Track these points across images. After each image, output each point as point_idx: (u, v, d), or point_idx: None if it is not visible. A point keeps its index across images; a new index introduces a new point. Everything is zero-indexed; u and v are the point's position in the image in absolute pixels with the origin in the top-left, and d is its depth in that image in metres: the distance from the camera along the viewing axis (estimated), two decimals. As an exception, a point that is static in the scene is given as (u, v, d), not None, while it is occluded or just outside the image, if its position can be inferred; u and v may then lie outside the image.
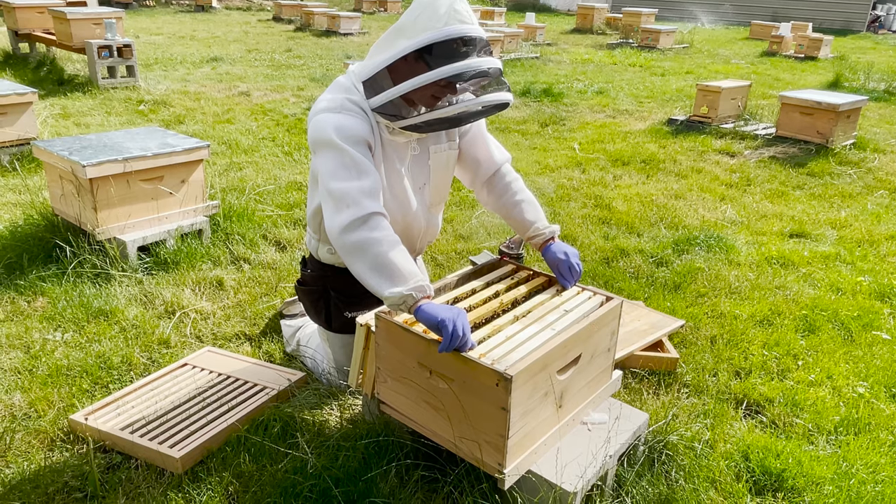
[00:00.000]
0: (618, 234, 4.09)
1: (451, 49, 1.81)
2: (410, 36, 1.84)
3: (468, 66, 1.82)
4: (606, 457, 1.90)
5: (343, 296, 2.33)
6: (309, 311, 2.44)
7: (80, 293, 3.02)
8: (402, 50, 1.84)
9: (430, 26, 1.81)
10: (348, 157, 1.91)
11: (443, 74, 1.81)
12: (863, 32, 18.23)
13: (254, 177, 4.77)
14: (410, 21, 1.86)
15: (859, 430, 2.38)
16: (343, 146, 1.91)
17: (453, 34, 1.80)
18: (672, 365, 2.66)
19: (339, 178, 1.90)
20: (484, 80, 1.91)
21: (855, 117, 6.23)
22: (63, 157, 3.21)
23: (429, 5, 1.84)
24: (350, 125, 1.94)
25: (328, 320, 2.37)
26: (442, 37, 1.80)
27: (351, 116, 1.95)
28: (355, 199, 1.86)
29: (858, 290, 3.45)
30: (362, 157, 1.92)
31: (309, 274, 2.39)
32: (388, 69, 1.90)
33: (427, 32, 1.81)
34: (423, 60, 1.84)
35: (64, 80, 7.58)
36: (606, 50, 12.96)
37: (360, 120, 1.96)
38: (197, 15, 16.11)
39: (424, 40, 1.81)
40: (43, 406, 2.33)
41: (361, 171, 1.91)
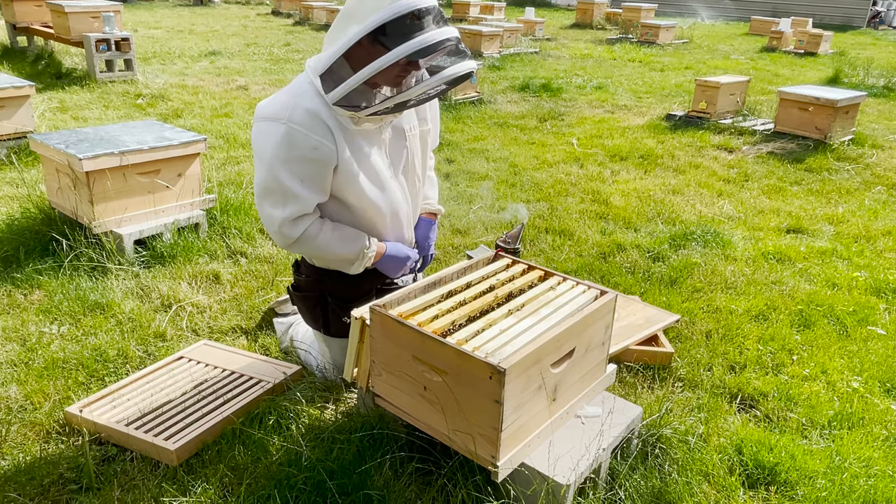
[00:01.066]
0: (615, 229, 4.10)
1: (404, 25, 1.73)
2: (360, 20, 1.76)
3: (424, 41, 1.74)
4: (600, 450, 1.91)
5: (340, 300, 2.27)
6: (305, 317, 2.39)
7: (77, 286, 3.02)
8: (355, 35, 1.77)
9: (378, 6, 1.74)
10: (276, 182, 1.92)
11: (400, 55, 1.73)
12: (863, 28, 18.21)
13: (251, 171, 4.76)
14: (356, 4, 1.79)
15: (853, 424, 2.39)
16: (274, 170, 1.90)
17: (403, 9, 1.72)
18: (667, 359, 2.67)
19: (265, 201, 1.99)
20: (445, 51, 1.84)
21: (853, 113, 6.22)
22: (60, 151, 3.21)
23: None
24: (296, 144, 1.87)
25: (326, 325, 2.33)
26: (392, 14, 1.72)
27: (299, 132, 1.87)
28: (278, 230, 2.01)
29: (854, 285, 3.45)
30: (291, 184, 1.91)
31: (304, 279, 2.32)
32: (345, 57, 1.83)
33: (376, 13, 1.73)
34: (378, 42, 1.76)
35: (62, 74, 7.57)
36: (606, 45, 12.94)
37: (309, 135, 1.88)
38: (196, 9, 16.06)
39: (375, 21, 1.73)
40: (39, 398, 2.33)
41: (287, 198, 1.94)
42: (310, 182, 1.94)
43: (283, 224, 1.97)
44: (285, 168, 1.89)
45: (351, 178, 2.01)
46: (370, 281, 2.30)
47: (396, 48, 1.73)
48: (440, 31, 1.77)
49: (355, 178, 2.02)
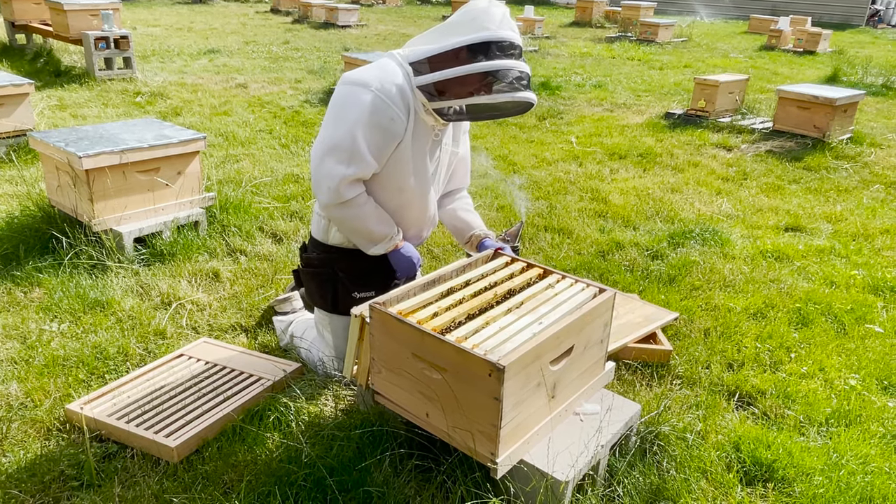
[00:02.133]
0: (614, 227, 4.11)
1: (503, 47, 2.05)
2: (466, 33, 2.05)
3: (517, 64, 2.06)
4: (598, 447, 1.92)
5: (351, 276, 2.41)
6: (313, 295, 2.49)
7: (77, 284, 3.03)
8: (460, 42, 2.05)
9: (487, 27, 2.04)
10: (350, 141, 2.10)
11: (493, 67, 2.04)
12: (862, 27, 18.22)
13: (250, 169, 4.77)
14: (467, 20, 2.07)
15: (850, 421, 2.40)
16: (352, 129, 2.09)
17: (506, 38, 2.05)
18: (665, 357, 2.68)
19: (330, 156, 2.13)
20: (520, 81, 2.11)
21: (852, 112, 6.24)
22: (59, 149, 3.21)
23: (486, 10, 2.07)
24: (380, 112, 2.09)
25: (334, 303, 2.41)
26: (496, 38, 2.04)
27: (385, 102, 2.09)
28: (336, 186, 2.13)
29: (852, 283, 3.47)
30: (362, 145, 2.10)
31: (315, 256, 2.44)
32: (445, 53, 2.07)
33: (485, 31, 2.04)
34: (479, 53, 2.04)
35: (61, 72, 7.56)
36: (605, 43, 12.95)
37: (393, 107, 2.10)
38: (195, 6, 16.05)
39: (483, 37, 2.03)
40: (39, 396, 2.34)
41: (353, 159, 2.11)
42: (376, 150, 2.14)
43: (343, 181, 2.12)
44: (363, 131, 2.09)
45: (405, 158, 2.22)
46: (382, 259, 2.42)
47: (498, 60, 2.05)
48: (522, 64, 2.09)
49: (408, 162, 2.23)
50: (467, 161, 2.59)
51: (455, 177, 2.57)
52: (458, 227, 2.55)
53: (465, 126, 2.50)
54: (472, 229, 2.53)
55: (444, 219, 2.60)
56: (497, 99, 2.10)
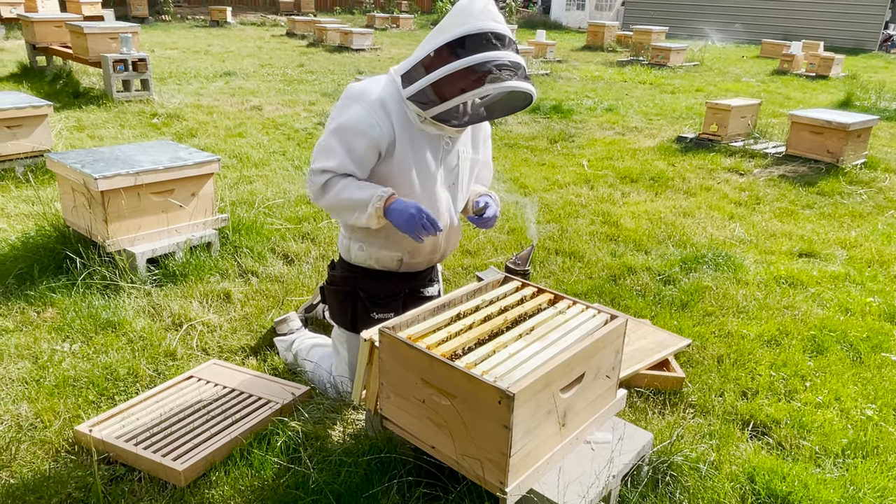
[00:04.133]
0: (625, 251, 4.09)
1: (481, 42, 1.97)
2: (447, 32, 2.02)
3: (495, 55, 1.97)
4: (610, 477, 1.89)
5: (371, 296, 2.40)
6: (334, 312, 2.50)
7: (89, 304, 3.04)
8: (438, 43, 2.02)
9: (465, 21, 1.99)
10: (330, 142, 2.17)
11: (471, 62, 1.96)
12: (875, 51, 18.20)
13: (263, 190, 4.81)
14: (447, 21, 2.05)
15: (867, 453, 2.35)
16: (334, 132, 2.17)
17: (484, 28, 1.98)
18: (678, 384, 2.65)
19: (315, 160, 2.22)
20: (506, 70, 2.03)
21: (865, 137, 6.20)
22: (76, 170, 3.26)
23: (464, 6, 2.03)
24: (355, 119, 2.13)
25: (353, 321, 2.41)
26: (474, 30, 1.98)
27: (365, 112, 2.12)
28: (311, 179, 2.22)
29: (868, 311, 3.42)
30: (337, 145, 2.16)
31: (338, 274, 2.45)
32: (424, 62, 2.07)
33: (464, 26, 1.99)
34: (455, 53, 1.99)
35: (79, 93, 7.70)
36: (617, 67, 13.01)
37: (371, 116, 2.12)
38: (212, 30, 16.33)
39: (458, 33, 1.99)
40: (49, 416, 2.34)
41: (330, 155, 2.18)
42: (350, 149, 2.15)
43: (314, 171, 2.20)
44: (340, 134, 2.16)
45: (405, 167, 2.21)
46: (400, 282, 2.42)
47: (470, 56, 1.97)
48: (513, 54, 2.01)
49: (409, 170, 2.21)
50: (490, 165, 2.55)
51: (482, 176, 2.54)
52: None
53: (485, 132, 2.44)
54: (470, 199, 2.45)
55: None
56: (485, 91, 2.01)
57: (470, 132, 2.37)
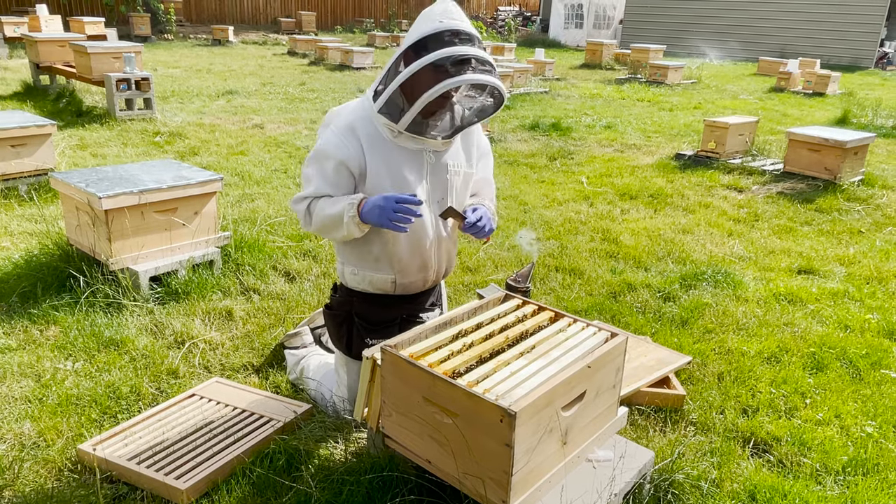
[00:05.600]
0: (625, 268, 4.11)
1: (442, 40, 1.96)
2: (408, 40, 2.03)
3: (455, 50, 1.94)
4: (611, 495, 1.89)
5: (366, 322, 2.39)
6: (332, 336, 2.50)
7: (92, 322, 3.06)
8: (400, 50, 2.04)
9: (424, 26, 2.00)
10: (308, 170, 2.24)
11: (431, 58, 1.94)
12: (871, 69, 18.34)
13: (265, 208, 4.84)
14: (412, 28, 2.07)
15: (868, 470, 2.36)
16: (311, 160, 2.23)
17: (443, 27, 1.97)
18: (679, 402, 2.66)
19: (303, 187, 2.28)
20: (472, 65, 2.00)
21: (863, 154, 6.25)
22: (80, 189, 3.29)
23: (425, 11, 2.05)
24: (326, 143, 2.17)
25: (349, 345, 2.41)
26: (433, 30, 1.97)
27: (334, 135, 2.16)
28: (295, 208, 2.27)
29: (867, 327, 3.43)
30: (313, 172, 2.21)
31: (336, 298, 2.47)
32: (390, 71, 2.08)
33: (420, 31, 2.00)
34: (417, 56, 1.98)
35: (82, 112, 7.76)
36: (615, 85, 13.12)
37: (340, 139, 2.14)
38: (214, 49, 16.48)
39: (417, 35, 1.99)
40: (52, 435, 2.35)
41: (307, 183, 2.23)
42: (326, 175, 2.18)
43: (296, 199, 2.25)
44: (314, 160, 2.21)
45: (379, 187, 2.17)
46: (398, 308, 2.40)
47: (431, 53, 1.95)
48: (470, 48, 1.98)
49: (384, 189, 2.17)
50: (491, 183, 2.50)
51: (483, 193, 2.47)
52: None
53: (482, 147, 2.40)
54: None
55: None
56: (446, 85, 1.94)
57: (460, 144, 2.30)
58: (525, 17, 28.26)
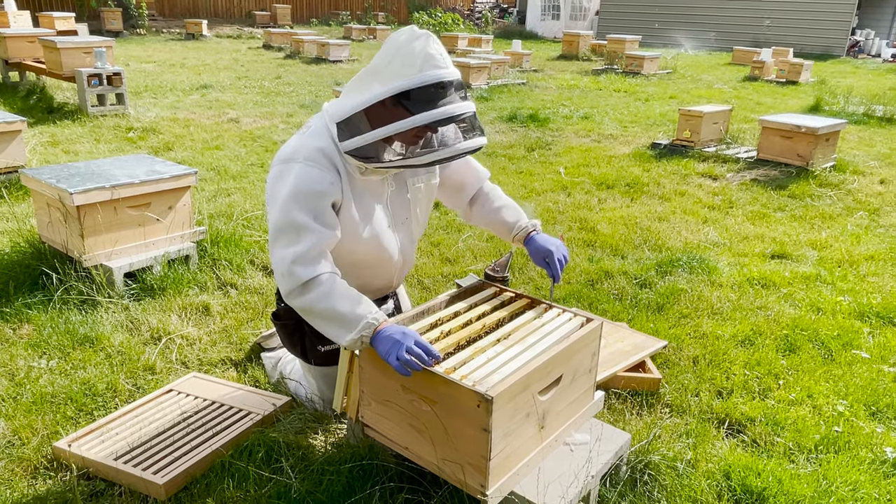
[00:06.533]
0: (602, 256, 4.15)
1: (427, 94, 1.80)
2: (385, 81, 1.82)
3: (444, 112, 1.81)
4: (588, 477, 1.92)
5: (314, 330, 2.19)
6: (286, 344, 2.40)
7: (66, 320, 3.02)
8: (377, 95, 1.82)
9: (405, 73, 1.79)
10: (288, 219, 1.89)
11: (418, 122, 1.80)
12: (842, 57, 18.63)
13: (242, 202, 4.80)
14: (384, 64, 1.84)
15: (839, 448, 2.41)
16: (286, 207, 1.89)
17: (429, 80, 1.79)
18: (655, 385, 2.69)
19: (277, 243, 1.91)
20: (460, 124, 1.92)
21: (834, 140, 6.36)
22: (51, 185, 3.24)
23: (402, 48, 1.82)
24: (308, 179, 1.90)
25: (304, 353, 2.34)
26: (417, 83, 1.79)
27: (312, 168, 1.91)
28: (289, 270, 1.87)
29: (838, 309, 3.50)
30: (305, 218, 1.89)
31: (283, 308, 2.30)
32: (365, 112, 1.87)
33: (402, 79, 1.79)
34: (400, 105, 1.82)
35: (53, 108, 7.62)
36: (592, 76, 13.18)
37: (322, 171, 1.92)
38: (187, 43, 16.26)
39: (400, 87, 1.79)
40: (27, 433, 2.32)
41: (301, 234, 1.89)
42: (321, 217, 1.92)
43: (295, 261, 1.86)
44: (297, 204, 1.89)
45: (347, 223, 2.03)
46: None
47: (417, 115, 1.80)
48: (460, 105, 1.83)
49: (353, 225, 2.04)
50: (467, 163, 2.32)
51: (466, 181, 2.34)
52: (498, 230, 2.34)
53: None
54: (510, 230, 2.29)
55: (479, 224, 2.39)
56: (425, 159, 1.88)
57: None
58: (502, 9, 28.26)
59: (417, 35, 1.83)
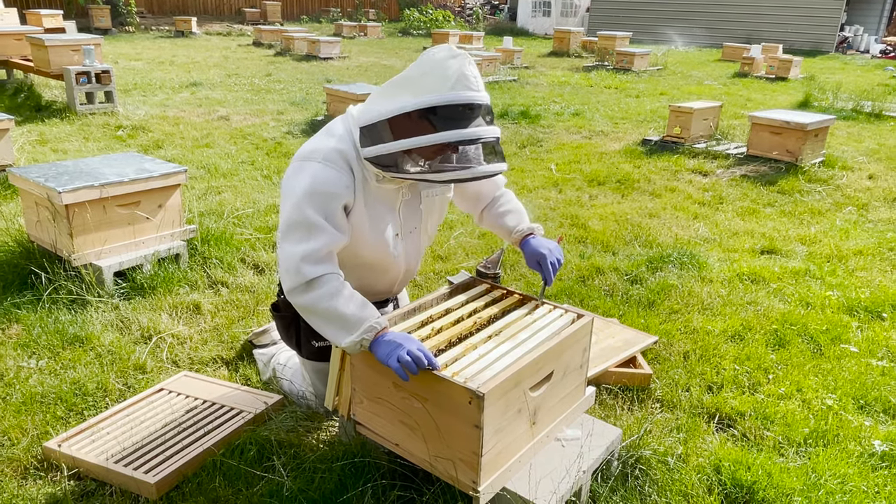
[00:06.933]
0: (593, 252, 4.16)
1: (455, 112, 1.80)
2: (416, 93, 1.81)
3: (470, 134, 1.80)
4: (580, 472, 1.93)
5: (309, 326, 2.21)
6: (282, 335, 2.42)
7: (56, 320, 3.00)
8: (405, 106, 1.82)
9: (437, 88, 1.79)
10: (301, 216, 1.89)
11: (444, 139, 1.79)
12: (831, 53, 18.74)
13: (232, 200, 4.78)
14: (417, 76, 1.84)
15: (828, 441, 2.43)
16: (300, 204, 1.90)
17: (459, 100, 1.79)
18: (645, 381, 2.71)
19: (287, 238, 1.91)
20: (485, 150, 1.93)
21: (823, 136, 6.39)
22: (39, 184, 3.21)
23: (438, 65, 1.81)
24: (324, 179, 1.91)
25: (299, 346, 2.35)
26: (448, 101, 1.79)
27: (330, 169, 1.92)
28: (296, 266, 1.87)
29: (827, 304, 3.53)
30: (317, 217, 1.90)
31: (282, 300, 2.30)
32: (389, 121, 1.86)
33: (433, 94, 1.79)
34: (426, 119, 1.81)
35: (41, 107, 7.56)
36: (582, 72, 13.20)
37: (338, 173, 1.93)
38: (177, 40, 16.16)
39: (430, 101, 1.79)
40: (16, 434, 2.31)
41: (312, 232, 1.89)
42: (332, 218, 1.93)
43: (304, 258, 1.87)
44: (310, 202, 1.90)
45: (356, 226, 2.02)
46: None
47: (443, 132, 1.79)
48: (486, 128, 1.83)
49: (361, 229, 2.04)
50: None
51: (483, 191, 2.35)
52: (501, 234, 2.36)
53: None
54: (510, 233, 2.31)
55: (487, 227, 2.41)
56: (443, 177, 1.87)
57: None
58: (493, 6, 28.24)
59: (455, 54, 1.83)
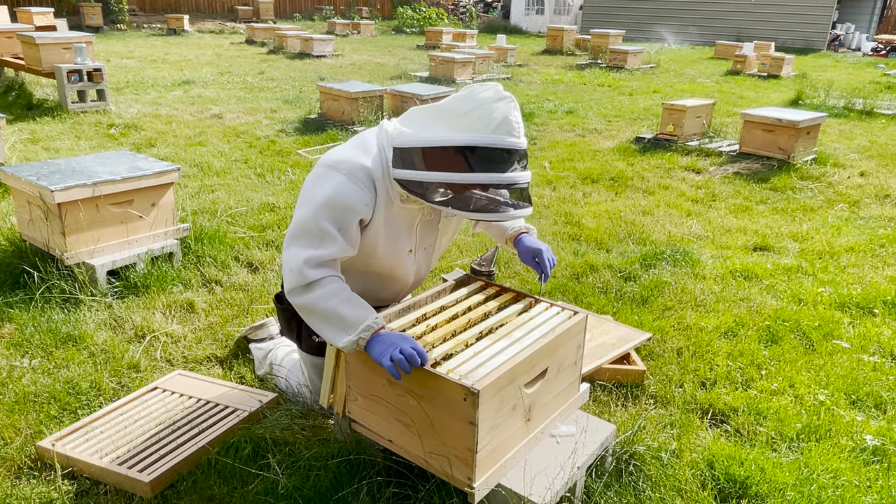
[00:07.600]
0: (587, 250, 4.17)
1: (493, 155, 1.79)
2: (457, 128, 1.81)
3: (503, 179, 1.80)
4: (574, 468, 1.94)
5: None
6: (283, 327, 2.44)
7: (49, 319, 2.99)
8: (444, 140, 1.81)
9: (479, 129, 1.79)
10: (315, 224, 1.90)
11: (480, 181, 1.80)
12: (823, 51, 18.83)
13: (226, 199, 4.77)
14: (461, 112, 1.82)
15: (820, 436, 2.45)
16: (317, 212, 1.90)
17: (500, 144, 1.79)
18: (639, 377, 2.72)
19: (297, 241, 1.92)
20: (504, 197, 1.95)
21: (815, 133, 6.43)
22: (31, 183, 3.20)
23: (484, 104, 1.81)
24: (345, 193, 1.90)
25: (299, 339, 2.37)
26: (489, 143, 1.78)
27: (353, 184, 1.91)
28: (299, 268, 1.88)
29: (819, 300, 3.55)
30: (331, 228, 1.90)
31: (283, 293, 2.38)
32: (424, 150, 1.85)
33: (474, 134, 1.78)
34: (462, 156, 1.80)
35: (33, 105, 7.52)
36: (576, 70, 13.21)
37: (361, 189, 1.91)
38: (169, 38, 16.09)
39: (470, 141, 1.78)
40: (10, 433, 2.30)
41: (323, 240, 1.90)
42: (346, 231, 1.93)
43: (307, 261, 1.89)
44: (328, 212, 1.90)
45: (370, 238, 2.02)
46: None
47: (479, 174, 1.79)
48: (520, 174, 1.83)
49: (374, 242, 2.03)
50: None
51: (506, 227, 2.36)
52: (495, 236, 2.39)
53: None
54: (503, 234, 2.33)
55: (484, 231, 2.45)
56: (472, 216, 1.89)
57: None
58: (486, 4, 28.23)
59: (502, 96, 1.83)
